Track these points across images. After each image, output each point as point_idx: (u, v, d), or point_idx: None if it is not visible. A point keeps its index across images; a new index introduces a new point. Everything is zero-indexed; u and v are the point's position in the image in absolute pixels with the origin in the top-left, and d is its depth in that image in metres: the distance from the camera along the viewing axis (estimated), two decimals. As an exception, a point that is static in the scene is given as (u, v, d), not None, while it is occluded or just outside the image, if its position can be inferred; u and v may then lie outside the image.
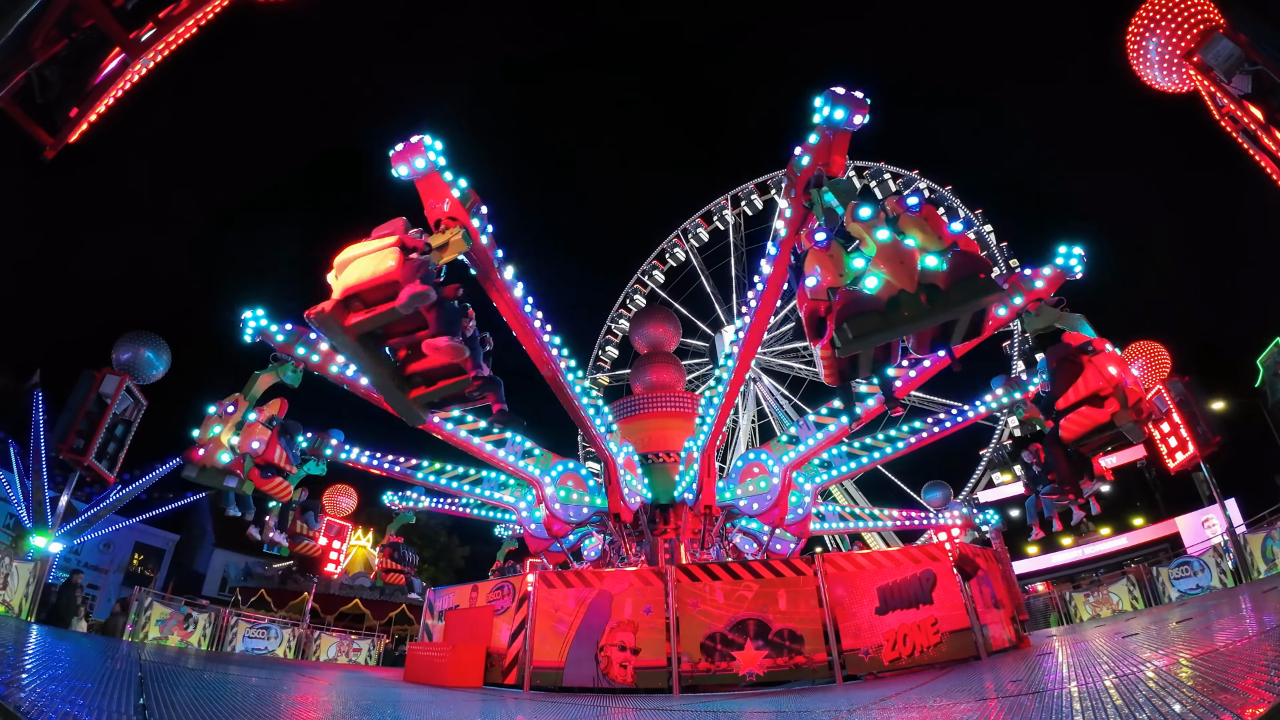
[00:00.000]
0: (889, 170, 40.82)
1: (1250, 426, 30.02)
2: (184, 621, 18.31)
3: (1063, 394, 9.72)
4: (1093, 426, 9.49)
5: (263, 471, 10.84)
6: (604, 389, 44.21)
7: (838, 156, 7.08)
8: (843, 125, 6.89)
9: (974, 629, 9.42)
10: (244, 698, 6.81)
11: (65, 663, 7.38)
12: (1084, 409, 9.49)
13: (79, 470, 18.64)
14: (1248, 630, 7.14)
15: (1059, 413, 9.83)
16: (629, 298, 46.58)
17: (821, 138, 7.27)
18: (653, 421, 17.14)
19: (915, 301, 5.43)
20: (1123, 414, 9.18)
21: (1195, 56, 12.46)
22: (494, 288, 9.72)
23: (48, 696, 4.52)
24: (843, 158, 7.13)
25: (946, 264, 5.50)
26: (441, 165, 8.32)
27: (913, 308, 5.43)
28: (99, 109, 6.27)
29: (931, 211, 6.00)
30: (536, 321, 10.99)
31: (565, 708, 7.35)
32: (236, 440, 10.47)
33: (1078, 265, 11.08)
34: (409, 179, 8.27)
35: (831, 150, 7.07)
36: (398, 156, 8.21)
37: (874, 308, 5.41)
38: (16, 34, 4.65)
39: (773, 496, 13.98)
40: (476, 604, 11.54)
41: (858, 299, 5.42)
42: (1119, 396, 9.24)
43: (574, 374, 12.49)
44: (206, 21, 7.37)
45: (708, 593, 9.75)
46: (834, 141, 7.05)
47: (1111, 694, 4.20)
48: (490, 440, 13.96)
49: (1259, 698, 3.31)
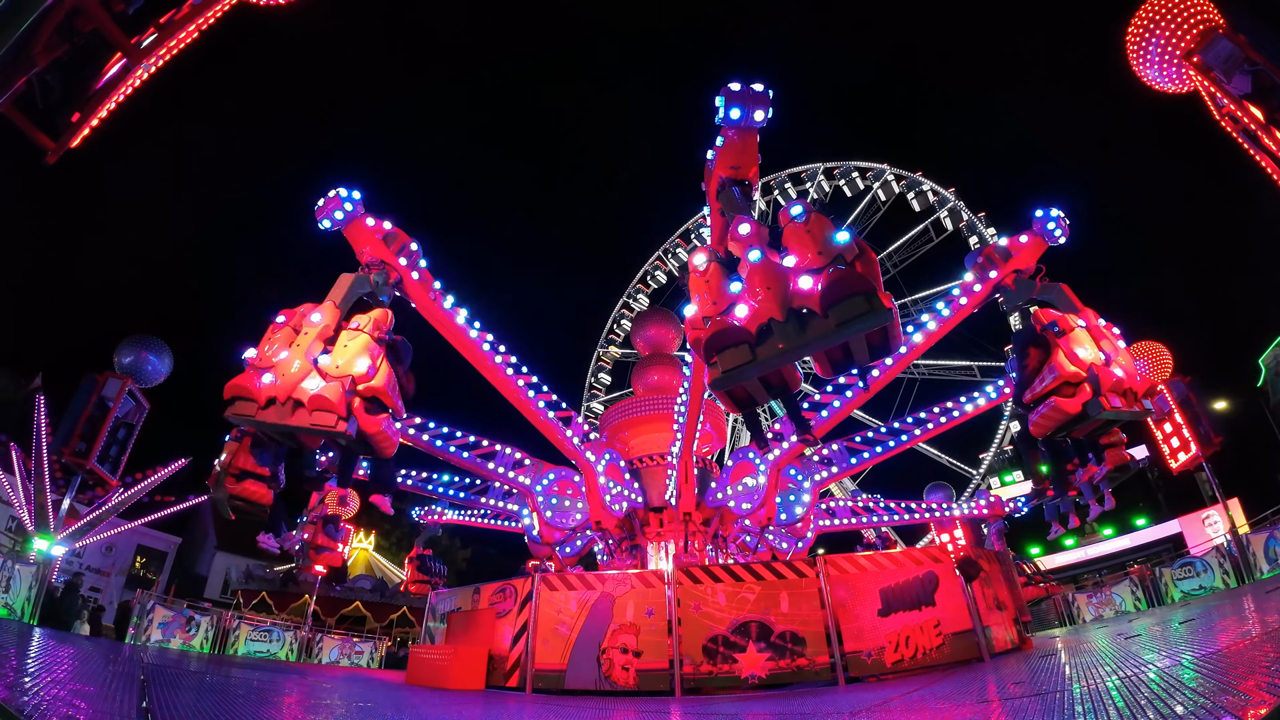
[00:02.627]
0: (857, 167, 40.97)
1: (1252, 426, 29.99)
2: (186, 624, 18.34)
3: (1029, 384, 8.36)
4: (1062, 420, 8.03)
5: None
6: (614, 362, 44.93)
7: (747, 158, 6.48)
8: (743, 123, 6.27)
9: (976, 631, 9.41)
10: (246, 700, 6.81)
11: (67, 666, 7.39)
12: (1053, 400, 7.99)
13: (81, 473, 18.67)
14: (1250, 631, 7.13)
15: (1027, 406, 8.41)
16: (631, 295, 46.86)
17: (726, 139, 6.60)
18: (644, 425, 17.13)
19: (787, 330, 4.81)
20: (1094, 402, 7.74)
21: (1195, 56, 12.47)
22: (436, 320, 10.26)
23: (50, 700, 4.53)
24: (753, 158, 6.50)
25: (823, 287, 4.87)
26: (360, 214, 9.01)
27: (786, 337, 4.82)
28: (101, 114, 6.29)
29: (821, 222, 5.33)
30: (486, 345, 11.15)
31: (567, 710, 7.35)
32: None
33: (1057, 230, 10.02)
34: (335, 230, 8.97)
35: (743, 151, 6.47)
36: (320, 212, 8.96)
37: (743, 339, 4.84)
38: (19, 39, 4.68)
39: (760, 496, 13.80)
40: (479, 607, 11.54)
41: (725, 331, 4.87)
42: (1091, 382, 7.78)
43: (535, 390, 12.51)
44: (208, 26, 7.41)
45: (710, 595, 9.74)
46: (742, 142, 6.44)
47: (1114, 696, 4.19)
48: (480, 454, 14.04)
49: (1261, 699, 3.31)
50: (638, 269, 47.48)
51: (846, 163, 41.38)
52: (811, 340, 4.85)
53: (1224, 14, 12.09)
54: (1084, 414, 7.80)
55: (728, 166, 6.55)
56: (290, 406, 6.75)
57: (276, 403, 6.76)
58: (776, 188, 43.58)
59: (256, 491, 7.76)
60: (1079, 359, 7.82)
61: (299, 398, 6.73)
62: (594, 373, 47.03)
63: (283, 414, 6.74)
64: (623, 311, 46.95)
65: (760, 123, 6.32)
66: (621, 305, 47.21)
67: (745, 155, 6.47)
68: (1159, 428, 20.40)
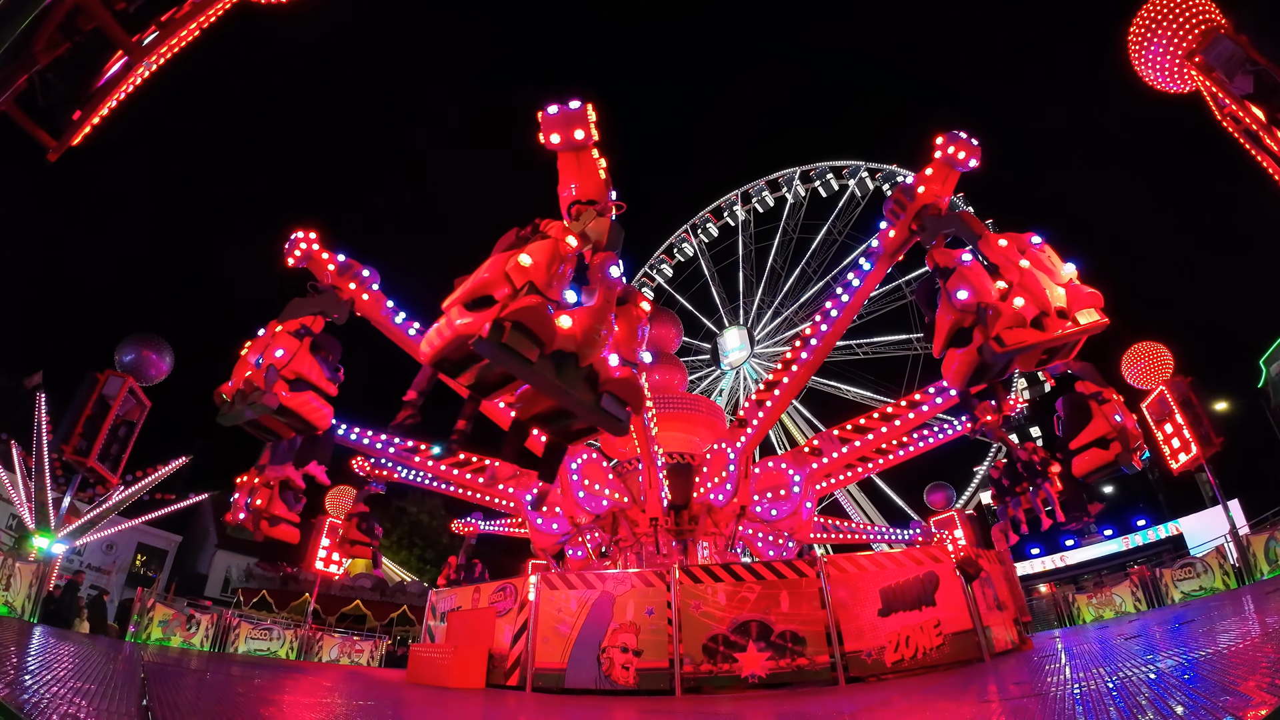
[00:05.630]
0: (832, 166, 41.38)
1: (1253, 427, 29.96)
2: (186, 623, 18.36)
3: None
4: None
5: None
6: None
7: (947, 192, 8.43)
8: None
9: (977, 631, 9.41)
10: (246, 699, 6.81)
11: (68, 664, 7.39)
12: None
13: (82, 471, 18.66)
14: (1251, 632, 7.12)
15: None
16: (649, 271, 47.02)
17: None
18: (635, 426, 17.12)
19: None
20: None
21: (1197, 57, 12.42)
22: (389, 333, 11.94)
23: (50, 698, 4.53)
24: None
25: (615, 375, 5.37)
26: (314, 251, 11.29)
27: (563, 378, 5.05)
28: (102, 112, 6.28)
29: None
30: None
31: (567, 709, 7.35)
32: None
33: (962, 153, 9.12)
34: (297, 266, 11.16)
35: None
36: (285, 251, 11.24)
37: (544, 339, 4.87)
38: (19, 38, 4.67)
39: (792, 505, 14.19)
40: (479, 605, 11.54)
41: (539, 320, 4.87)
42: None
43: None
44: (210, 24, 7.39)
45: (710, 594, 9.73)
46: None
47: (1114, 696, 4.19)
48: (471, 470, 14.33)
49: (1261, 700, 3.30)
50: (635, 274, 47.50)
51: (821, 164, 41.67)
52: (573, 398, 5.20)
53: (1226, 14, 12.06)
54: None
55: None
56: (240, 400, 8.22)
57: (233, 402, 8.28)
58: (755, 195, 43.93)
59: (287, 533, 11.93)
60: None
61: (241, 388, 8.26)
62: None
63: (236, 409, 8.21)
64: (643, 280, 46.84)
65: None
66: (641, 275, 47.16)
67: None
68: (1159, 428, 20.35)
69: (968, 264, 7.49)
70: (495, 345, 4.61)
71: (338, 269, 11.18)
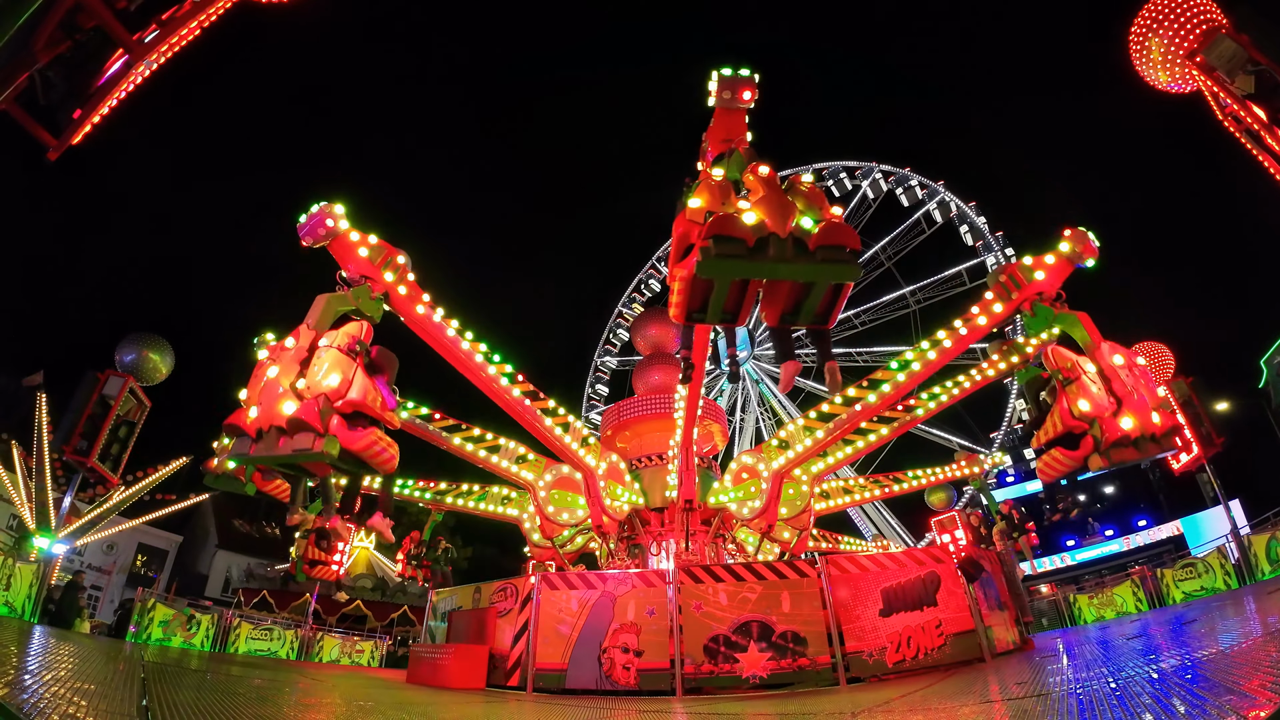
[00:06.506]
0: (845, 166, 41.21)
1: (1254, 427, 29.94)
2: (187, 623, 18.35)
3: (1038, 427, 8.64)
4: (1063, 472, 8.30)
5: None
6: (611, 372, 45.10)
7: (737, 133, 7.45)
8: (732, 104, 7.30)
9: (978, 631, 9.40)
10: (247, 699, 6.80)
11: (68, 664, 7.38)
12: (1056, 451, 8.26)
13: (82, 471, 18.65)
14: (1252, 632, 7.11)
15: (1037, 452, 8.93)
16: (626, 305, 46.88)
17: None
18: (644, 426, 17.04)
19: (782, 247, 5.37)
20: (1095, 458, 7.90)
21: (1198, 57, 12.43)
22: (425, 334, 10.14)
23: (50, 698, 4.52)
24: (742, 133, 7.47)
25: (818, 229, 5.45)
26: (344, 229, 8.81)
27: (778, 252, 5.34)
28: (102, 110, 6.28)
29: (818, 192, 6.06)
30: (479, 356, 11.09)
31: (568, 709, 7.34)
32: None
33: (1084, 249, 9.68)
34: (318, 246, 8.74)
35: (733, 127, 7.47)
36: (302, 227, 8.73)
37: (743, 236, 5.28)
38: (19, 35, 4.67)
39: (762, 502, 13.78)
40: (479, 605, 11.53)
41: (731, 222, 5.30)
42: (1095, 433, 7.80)
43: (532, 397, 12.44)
44: (210, 23, 7.40)
45: (711, 594, 9.72)
46: (732, 120, 7.44)
47: (1116, 696, 4.18)
48: (484, 447, 13.95)
49: (1265, 699, 3.29)
50: (635, 274, 47.44)
51: (835, 163, 41.55)
52: (799, 263, 5.34)
53: (1227, 14, 12.06)
54: (1084, 467, 8.31)
55: (720, 140, 7.47)
56: (275, 436, 6.58)
57: (264, 435, 6.64)
58: None
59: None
60: (1082, 409, 8.04)
61: (279, 424, 6.54)
62: (592, 384, 47.00)
63: (270, 446, 6.58)
64: (619, 320, 46.86)
65: (747, 104, 7.31)
66: (616, 315, 47.17)
67: (735, 130, 7.45)
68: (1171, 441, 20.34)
69: (1092, 374, 8.22)
70: (711, 261, 5.19)
71: (370, 253, 8.85)
